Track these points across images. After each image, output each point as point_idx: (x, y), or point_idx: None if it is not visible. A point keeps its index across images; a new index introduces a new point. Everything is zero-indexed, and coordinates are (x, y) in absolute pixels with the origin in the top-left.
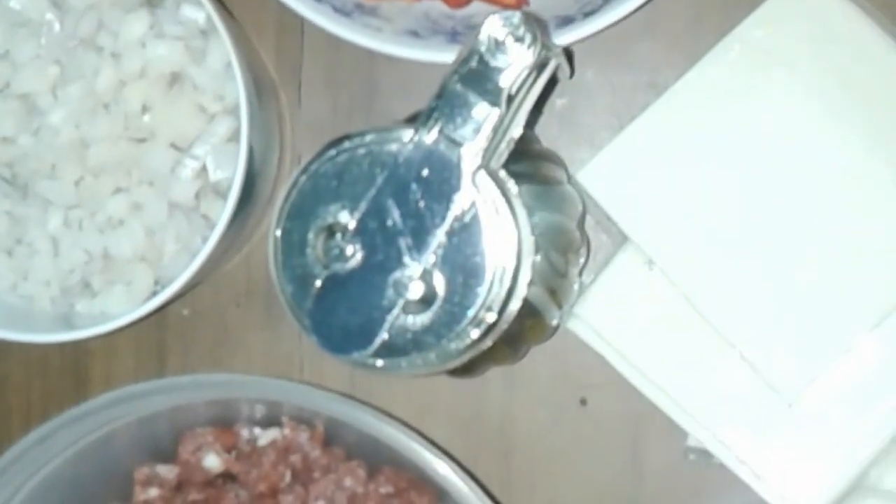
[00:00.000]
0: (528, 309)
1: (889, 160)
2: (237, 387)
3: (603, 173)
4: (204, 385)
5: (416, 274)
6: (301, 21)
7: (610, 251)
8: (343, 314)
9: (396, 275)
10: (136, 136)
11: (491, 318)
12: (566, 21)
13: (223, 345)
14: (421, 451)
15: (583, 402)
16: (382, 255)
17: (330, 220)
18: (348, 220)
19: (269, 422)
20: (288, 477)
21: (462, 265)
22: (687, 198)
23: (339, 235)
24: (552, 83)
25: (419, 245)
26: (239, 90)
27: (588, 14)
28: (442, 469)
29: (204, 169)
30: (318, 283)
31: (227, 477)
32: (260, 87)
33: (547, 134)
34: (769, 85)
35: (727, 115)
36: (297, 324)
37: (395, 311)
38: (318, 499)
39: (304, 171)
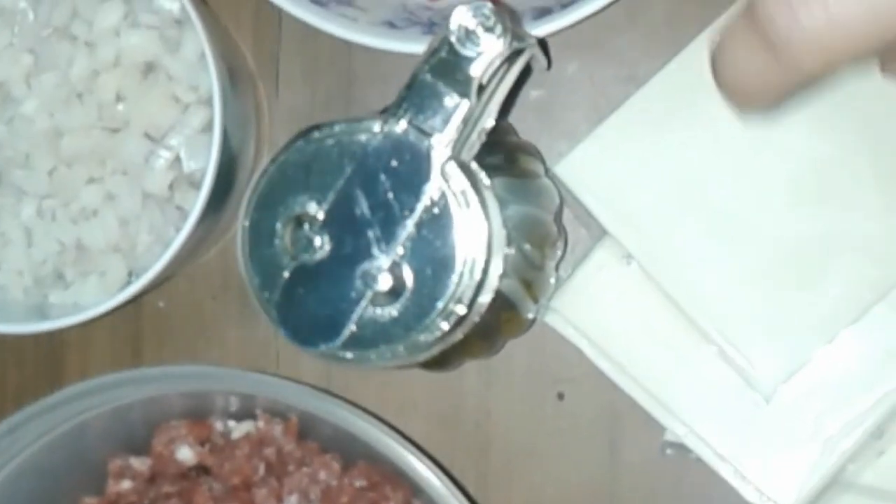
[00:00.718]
0: (503, 302)
1: (868, 151)
2: (210, 379)
3: (581, 166)
4: (176, 376)
5: (385, 265)
6: (278, 12)
7: (588, 245)
8: (311, 306)
9: (365, 266)
10: (110, 126)
11: (461, 310)
12: (543, 12)
13: (199, 337)
14: (393, 446)
15: (560, 396)
16: (351, 247)
17: (298, 210)
18: (317, 210)
19: (244, 415)
20: (262, 470)
21: (431, 257)
22: (666, 191)
23: (307, 226)
24: (526, 74)
25: (388, 236)
26: (212, 80)
27: (565, 5)
28: (414, 463)
29: (178, 159)
30: (286, 274)
31: (201, 470)
32: (235, 78)
33: (525, 126)
34: None
35: (706, 109)
36: (265, 315)
37: (364, 303)
38: (291, 492)
39: (273, 161)
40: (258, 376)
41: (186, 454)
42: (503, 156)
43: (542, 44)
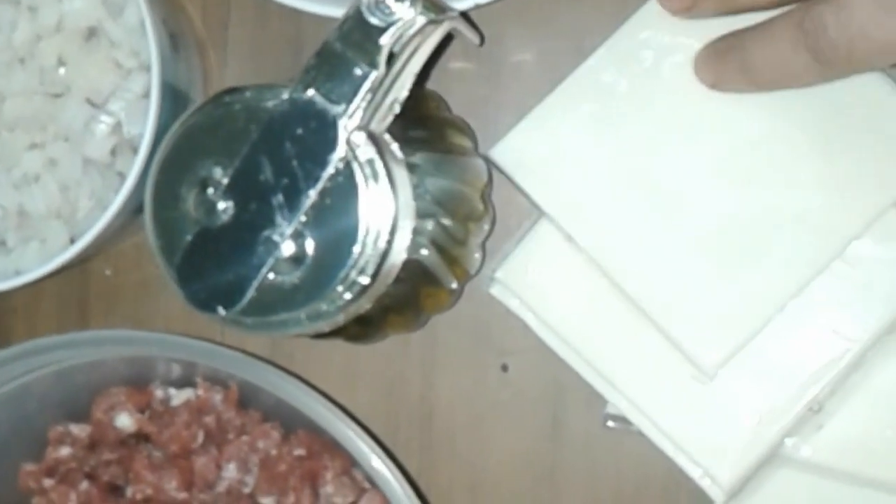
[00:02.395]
0: (424, 276)
1: (805, 126)
2: (150, 344)
3: (516, 149)
4: (116, 340)
5: (288, 233)
6: None
7: (534, 217)
8: (212, 270)
9: (267, 233)
10: (52, 91)
11: (364, 280)
12: None
13: (145, 305)
14: (327, 415)
15: (504, 368)
16: (254, 213)
17: (203, 174)
18: (222, 175)
19: (184, 382)
20: (201, 437)
21: (334, 226)
22: (604, 171)
23: (211, 190)
24: (444, 46)
25: (292, 204)
26: (150, 46)
27: None
28: (347, 433)
29: (119, 125)
30: (189, 237)
31: (141, 437)
32: (179, 44)
33: (470, 99)
34: (687, 54)
35: (645, 89)
36: (167, 277)
37: (265, 270)
38: (230, 460)
39: (181, 123)
40: (197, 343)
41: (125, 421)
42: (430, 130)
43: (467, 18)
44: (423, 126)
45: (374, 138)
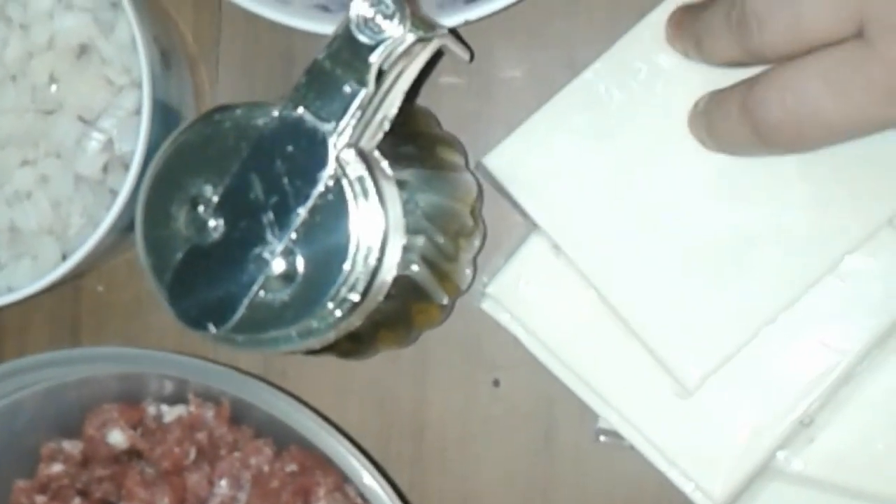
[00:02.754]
0: (415, 292)
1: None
2: (141, 361)
3: (509, 158)
4: (108, 357)
5: (278, 250)
6: None
7: (525, 232)
8: (203, 288)
9: (258, 250)
10: (43, 108)
11: (354, 297)
12: None
13: (137, 322)
14: (319, 432)
15: (495, 383)
16: (244, 231)
17: (194, 192)
18: (212, 193)
19: (176, 399)
20: (193, 454)
21: (324, 243)
22: (594, 184)
23: (201, 208)
24: (434, 61)
25: (282, 222)
26: (141, 64)
27: None
28: (338, 449)
29: (111, 142)
30: (179, 255)
31: (133, 454)
32: (170, 60)
33: (459, 115)
34: (680, 71)
35: (636, 104)
36: (158, 295)
37: (256, 287)
38: (222, 476)
39: (172, 142)
40: (188, 359)
41: (118, 438)
42: (420, 146)
43: (456, 34)
44: (414, 142)
45: (363, 155)
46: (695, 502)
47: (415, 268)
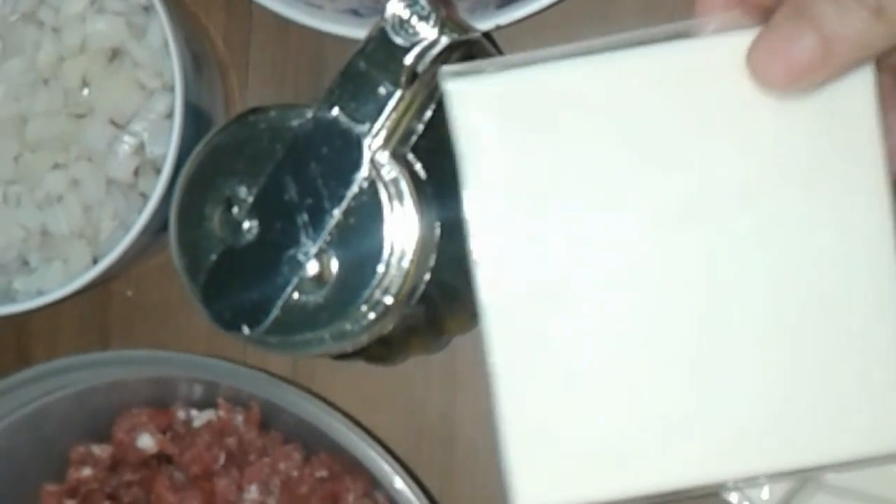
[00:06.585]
0: (446, 296)
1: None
2: (170, 364)
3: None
4: (136, 360)
5: (312, 252)
6: (248, 0)
7: None
8: (237, 290)
9: (292, 252)
10: (75, 112)
11: (388, 300)
12: (507, 1)
13: (167, 327)
14: (350, 436)
15: None
16: (279, 232)
17: (228, 193)
18: (246, 194)
19: (206, 403)
20: (222, 459)
21: (359, 245)
22: (543, 199)
23: (236, 210)
24: None
25: (316, 223)
26: (174, 67)
27: None
28: (371, 453)
29: (142, 146)
30: (214, 256)
31: (163, 458)
32: (202, 65)
33: None
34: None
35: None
36: (192, 296)
37: (290, 289)
38: (251, 482)
39: (206, 143)
40: (217, 362)
41: (147, 442)
42: (451, 150)
43: (489, 38)
44: (446, 145)
45: (398, 158)
46: None
47: (448, 272)
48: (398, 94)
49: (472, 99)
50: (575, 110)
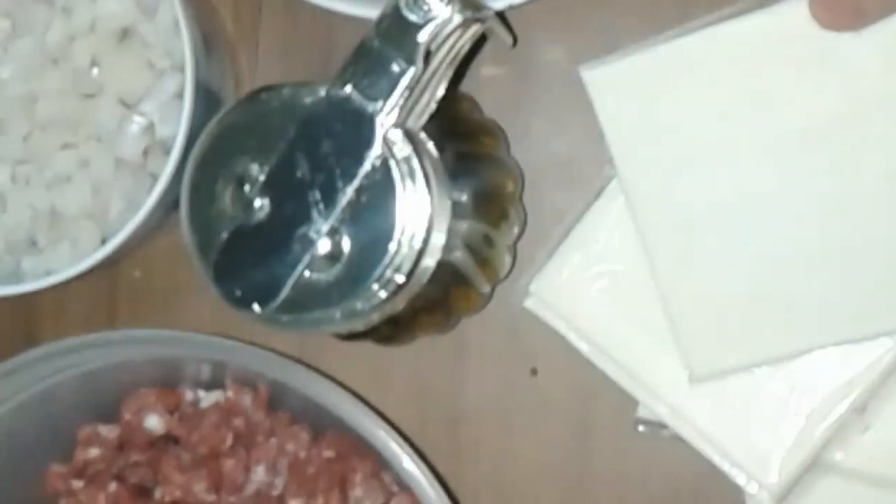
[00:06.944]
0: (455, 276)
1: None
2: (177, 343)
3: (610, 78)
4: (143, 340)
5: (324, 230)
6: None
7: (566, 226)
8: (248, 268)
9: (304, 230)
10: (85, 92)
11: (399, 279)
12: None
13: (173, 306)
14: (358, 414)
15: (533, 372)
16: (290, 210)
17: (239, 171)
18: (258, 172)
19: (214, 384)
20: (230, 440)
21: (370, 223)
22: (684, 142)
23: (247, 187)
24: (477, 48)
25: (328, 201)
26: (184, 46)
27: None
28: (378, 432)
29: (152, 126)
30: (225, 235)
31: (170, 439)
32: (211, 45)
33: (502, 102)
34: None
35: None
36: (203, 275)
37: (301, 267)
38: (259, 462)
39: (217, 121)
40: (225, 341)
41: (155, 423)
42: (462, 131)
43: (503, 19)
44: (457, 127)
45: (410, 136)
46: (750, 493)
47: (457, 252)
48: (411, 71)
49: (606, 82)
50: (695, 74)
